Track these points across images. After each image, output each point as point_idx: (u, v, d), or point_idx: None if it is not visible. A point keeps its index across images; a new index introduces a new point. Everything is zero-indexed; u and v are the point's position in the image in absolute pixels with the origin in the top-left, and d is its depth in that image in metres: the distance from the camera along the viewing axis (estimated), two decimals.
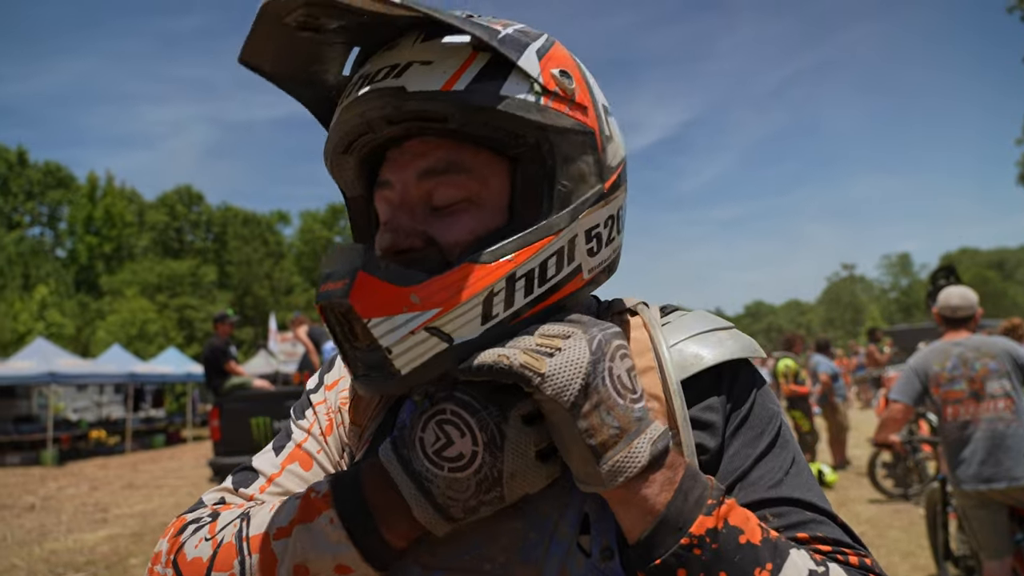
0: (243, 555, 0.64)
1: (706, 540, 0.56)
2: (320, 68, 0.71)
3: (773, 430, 0.71)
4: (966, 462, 3.43)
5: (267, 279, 41.15)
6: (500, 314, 0.61)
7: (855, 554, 0.64)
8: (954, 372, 3.54)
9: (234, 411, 6.88)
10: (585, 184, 0.66)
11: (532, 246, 0.62)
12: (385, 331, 0.59)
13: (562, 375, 0.56)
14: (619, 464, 0.57)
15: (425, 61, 0.62)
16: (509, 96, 0.61)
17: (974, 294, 3.77)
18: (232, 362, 7.28)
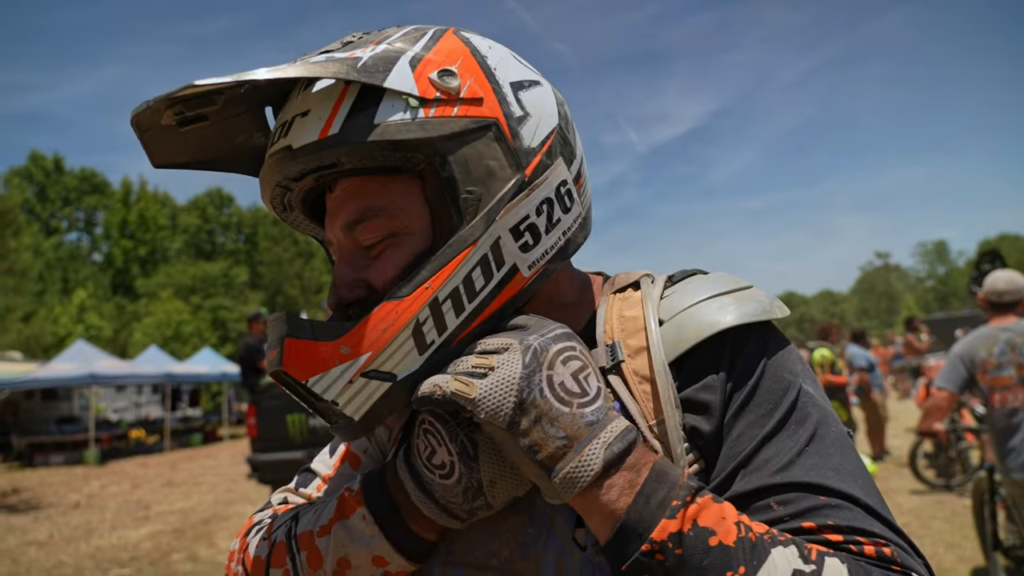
0: (293, 552, 0.69)
1: (668, 545, 0.53)
2: (242, 138, 0.72)
3: (786, 405, 0.63)
4: (1016, 450, 3.33)
5: (298, 278, 41.63)
6: (435, 340, 0.62)
7: (872, 543, 0.57)
8: (1002, 358, 3.44)
9: (270, 408, 6.95)
10: (496, 180, 0.63)
11: (447, 266, 0.62)
12: (325, 387, 0.61)
13: (492, 398, 0.56)
14: (570, 475, 0.56)
15: (303, 112, 0.63)
16: (382, 123, 0.60)
17: (1022, 278, 3.66)
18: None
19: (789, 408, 0.64)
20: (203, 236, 43.62)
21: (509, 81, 0.67)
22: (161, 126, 0.64)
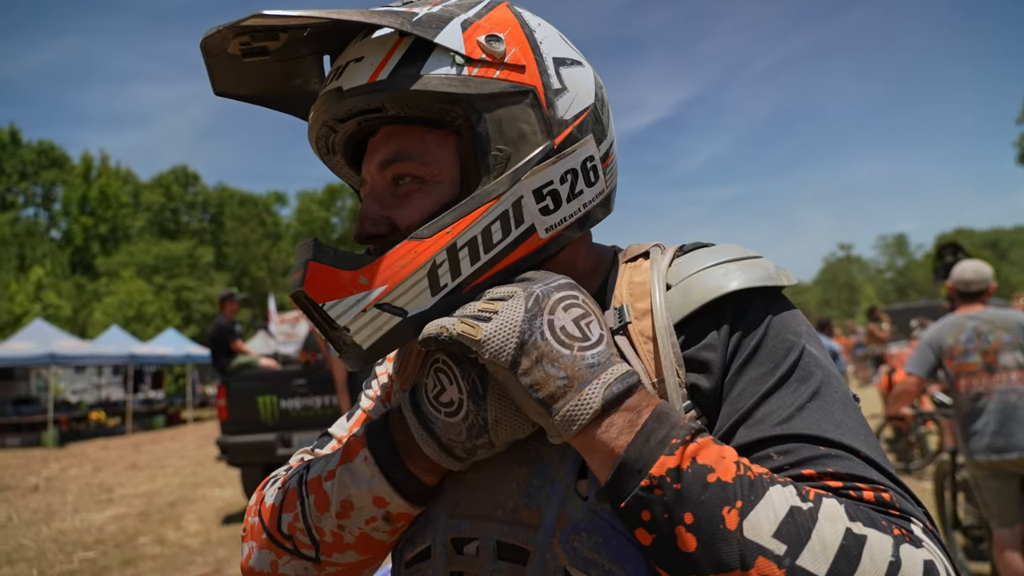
0: (302, 496, 0.73)
1: (667, 480, 0.55)
2: (300, 81, 0.76)
3: (790, 361, 0.65)
4: (979, 433, 3.46)
5: (265, 260, 41.05)
6: (448, 284, 0.65)
7: (872, 489, 0.58)
8: (968, 345, 3.55)
9: (241, 390, 6.87)
10: (527, 144, 0.66)
11: (470, 215, 0.64)
12: (340, 312, 0.64)
13: (496, 338, 0.58)
14: (570, 412, 0.58)
15: (357, 58, 0.67)
16: (428, 75, 0.64)
17: (988, 268, 3.77)
18: (238, 341, 7.25)
19: (792, 366, 0.65)
20: (167, 215, 42.65)
21: (552, 56, 0.70)
22: (227, 54, 0.67)
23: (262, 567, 0.75)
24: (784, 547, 0.52)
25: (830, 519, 0.54)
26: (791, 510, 0.54)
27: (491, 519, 0.68)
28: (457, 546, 0.70)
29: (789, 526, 0.53)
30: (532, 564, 0.64)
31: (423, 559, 0.72)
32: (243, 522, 0.80)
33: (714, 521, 0.54)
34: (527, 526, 0.65)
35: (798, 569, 0.52)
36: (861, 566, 0.52)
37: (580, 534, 0.63)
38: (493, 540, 0.67)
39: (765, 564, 0.52)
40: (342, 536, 0.71)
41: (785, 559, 0.52)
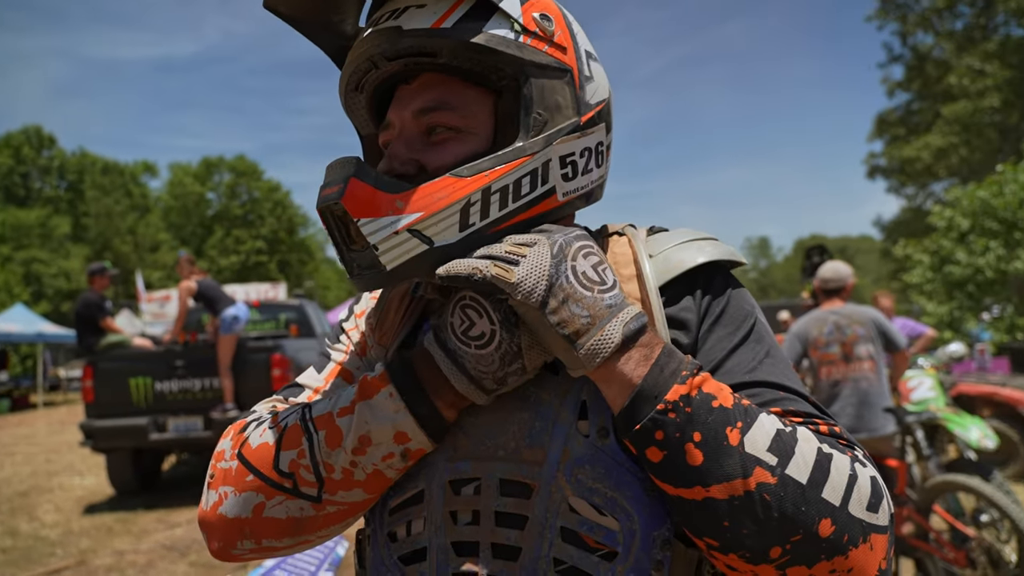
0: (309, 432, 0.72)
1: (680, 404, 0.62)
2: (338, 18, 0.77)
3: (748, 326, 0.76)
4: (836, 416, 3.85)
5: (130, 234, 38.12)
6: (476, 223, 0.70)
7: (825, 423, 0.69)
8: (829, 337, 3.95)
9: (110, 371, 6.41)
10: (561, 115, 0.73)
11: (507, 165, 0.70)
12: (373, 230, 0.67)
13: (528, 281, 0.63)
14: (594, 347, 0.64)
15: (420, 4, 0.71)
16: (491, 33, 0.70)
17: (845, 268, 4.21)
18: (109, 318, 6.76)
19: (749, 329, 0.76)
20: (16, 179, 38.56)
21: (584, 48, 0.78)
22: None
23: (240, 512, 0.73)
24: (776, 459, 0.62)
25: (806, 440, 0.64)
26: (778, 431, 0.64)
27: (493, 459, 0.72)
28: (455, 488, 0.73)
29: (778, 443, 0.63)
30: (537, 496, 0.69)
31: (412, 503, 0.75)
32: (209, 468, 0.78)
33: (719, 438, 0.62)
34: (531, 463, 0.71)
35: (787, 477, 0.61)
36: (830, 477, 0.62)
37: (584, 467, 0.69)
38: (496, 478, 0.71)
39: (761, 472, 0.61)
40: (353, 473, 0.71)
41: (777, 468, 0.61)
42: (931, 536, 3.60)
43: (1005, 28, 23.58)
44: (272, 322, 8.52)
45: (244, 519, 0.73)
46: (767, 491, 0.61)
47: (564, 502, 0.69)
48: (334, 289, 53.89)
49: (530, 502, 0.70)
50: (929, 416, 3.90)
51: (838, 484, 0.62)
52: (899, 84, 27.12)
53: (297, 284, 41.07)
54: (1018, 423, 6.17)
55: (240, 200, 45.36)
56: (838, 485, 0.62)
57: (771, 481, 0.61)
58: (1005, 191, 10.30)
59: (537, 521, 0.69)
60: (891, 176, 28.19)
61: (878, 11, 26.26)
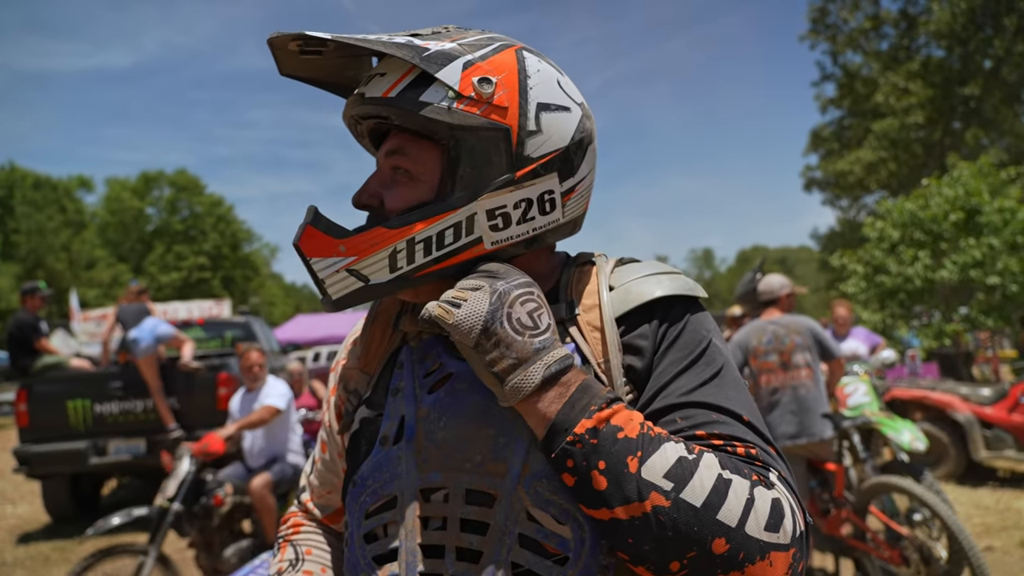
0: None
1: (585, 437, 0.70)
2: (353, 73, 0.91)
3: (699, 351, 0.82)
4: (775, 423, 4.01)
5: (64, 251, 36.62)
6: (403, 267, 0.81)
7: (744, 446, 0.74)
8: (768, 346, 4.11)
9: (46, 393, 6.16)
10: (492, 171, 0.80)
11: (430, 219, 0.80)
12: (321, 268, 0.82)
13: (464, 324, 0.74)
14: (517, 385, 0.73)
15: (381, 73, 0.83)
16: (425, 101, 0.79)
17: (778, 280, 4.40)
18: (44, 339, 6.50)
19: (700, 353, 0.82)
20: None
21: (538, 101, 0.83)
22: (288, 49, 0.84)
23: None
24: (671, 484, 0.68)
25: (708, 467, 0.70)
26: (679, 459, 0.70)
27: (461, 471, 0.79)
28: (425, 495, 0.80)
29: (677, 470, 0.69)
30: (499, 505, 0.77)
31: (387, 508, 0.82)
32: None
33: (620, 466, 0.69)
34: (494, 475, 0.78)
35: (681, 501, 0.68)
36: (727, 500, 0.68)
37: (542, 480, 0.77)
38: (463, 488, 0.79)
39: (656, 496, 0.68)
40: None
41: (671, 493, 0.68)
42: (868, 536, 3.76)
43: (927, 49, 24.89)
44: (217, 340, 8.34)
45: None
46: (661, 513, 0.68)
47: (523, 511, 0.76)
48: (280, 305, 52.80)
49: (492, 510, 0.77)
50: (864, 421, 4.07)
51: (735, 507, 0.68)
52: (831, 101, 28.23)
53: (242, 300, 40.07)
54: (947, 425, 6.48)
55: (181, 215, 44.06)
56: (735, 508, 0.68)
57: (664, 504, 0.68)
58: (931, 204, 10.85)
59: (498, 528, 0.76)
60: (826, 189, 29.30)
61: (810, 31, 27.34)
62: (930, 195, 11.08)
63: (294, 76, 0.88)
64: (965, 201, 10.46)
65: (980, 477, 6.48)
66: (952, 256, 10.28)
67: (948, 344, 10.50)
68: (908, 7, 25.10)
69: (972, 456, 6.30)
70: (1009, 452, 6.13)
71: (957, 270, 10.05)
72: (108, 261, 39.86)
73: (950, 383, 6.97)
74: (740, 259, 72.59)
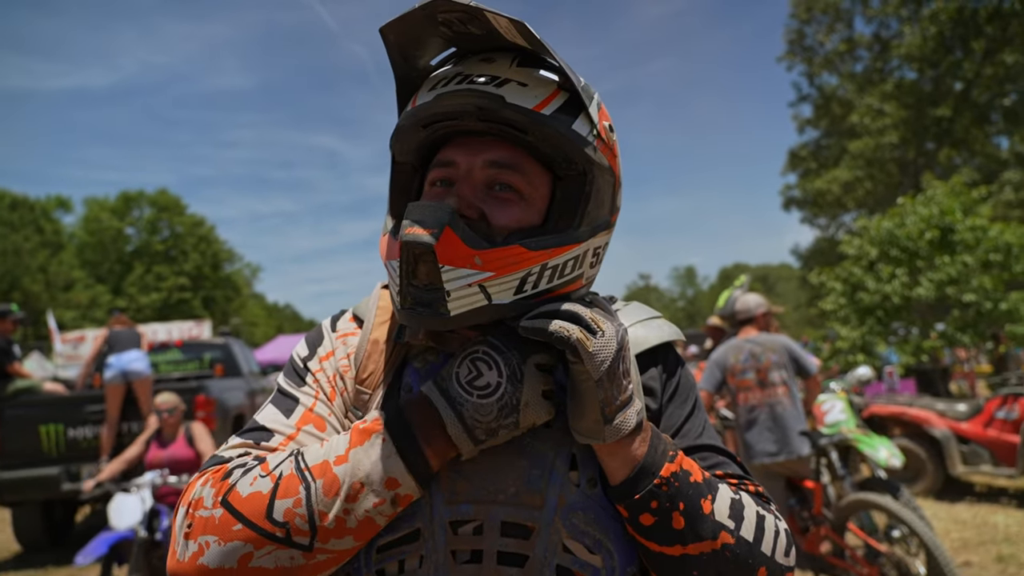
0: (307, 481, 0.73)
1: (671, 480, 0.77)
2: (418, 52, 0.84)
3: (693, 397, 0.94)
4: (753, 440, 4.03)
5: (41, 272, 36.12)
6: (528, 291, 0.79)
7: (752, 484, 0.88)
8: (745, 364, 4.15)
9: (18, 418, 6.04)
10: (603, 212, 0.85)
11: (564, 247, 0.80)
12: (452, 278, 0.75)
13: (601, 354, 0.74)
14: (619, 425, 0.77)
15: (522, 83, 0.79)
16: (577, 131, 0.79)
17: (754, 299, 4.45)
18: (16, 363, 6.38)
19: (695, 399, 0.93)
20: None
21: (617, 156, 0.88)
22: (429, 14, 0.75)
23: (223, 563, 0.71)
24: (734, 523, 0.79)
25: (749, 505, 0.82)
26: (732, 500, 0.80)
27: (494, 502, 0.79)
28: (453, 528, 0.78)
29: (734, 510, 0.80)
30: (537, 538, 0.78)
31: (407, 542, 0.77)
32: (185, 517, 0.74)
33: (697, 508, 0.77)
34: (530, 507, 0.79)
35: (742, 538, 0.78)
36: (766, 534, 0.81)
37: (577, 512, 0.79)
38: (498, 520, 0.78)
39: (725, 535, 0.78)
40: (345, 521, 0.72)
41: (735, 531, 0.78)
42: (847, 553, 3.78)
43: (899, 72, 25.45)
44: (195, 362, 8.24)
45: (228, 570, 0.71)
46: (728, 549, 0.77)
47: (560, 543, 0.78)
48: (262, 326, 52.32)
49: (530, 542, 0.78)
50: (841, 438, 4.11)
51: (769, 538, 0.81)
52: (808, 121, 28.78)
53: (223, 321, 39.66)
54: (925, 441, 6.54)
55: (161, 235, 43.66)
56: (769, 539, 0.80)
57: (731, 541, 0.78)
58: (907, 222, 11.03)
59: (537, 560, 0.77)
60: (805, 207, 29.71)
61: (787, 53, 27.92)
62: (906, 213, 11.27)
63: (386, 36, 0.79)
64: (939, 220, 10.64)
65: (958, 492, 6.53)
66: (928, 274, 10.44)
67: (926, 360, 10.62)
68: (881, 31, 25.69)
69: (949, 471, 6.36)
70: (985, 467, 6.20)
71: (933, 287, 10.20)
72: (86, 282, 39.34)
73: (927, 399, 7.05)
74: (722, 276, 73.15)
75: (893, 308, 10.86)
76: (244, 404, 7.10)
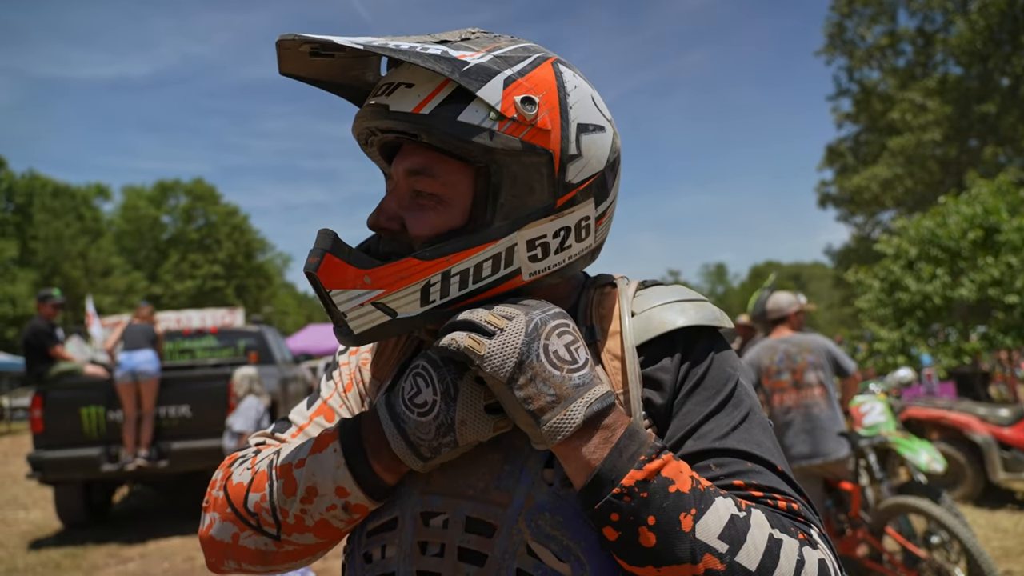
0: (272, 480, 0.79)
1: (635, 490, 0.65)
2: (358, 73, 0.82)
3: (727, 390, 0.78)
4: (789, 443, 3.96)
5: (81, 258, 37.03)
6: (436, 300, 0.75)
7: (784, 499, 0.71)
8: (780, 365, 4.07)
9: (61, 400, 6.20)
10: (533, 198, 0.74)
11: (468, 250, 0.73)
12: (342, 300, 0.74)
13: (497, 356, 0.67)
14: (556, 425, 0.67)
15: (409, 83, 0.75)
16: (464, 122, 0.71)
17: (786, 298, 4.36)
18: (59, 346, 6.55)
19: (729, 394, 0.78)
20: None
21: (577, 122, 0.76)
22: (298, 50, 0.75)
23: (222, 537, 0.81)
24: (726, 546, 0.64)
25: (759, 526, 0.66)
26: (731, 517, 0.66)
27: (462, 497, 0.76)
28: (425, 519, 0.77)
29: (731, 530, 0.65)
30: (498, 537, 0.73)
31: (387, 529, 0.79)
32: (207, 494, 0.85)
33: (672, 524, 0.65)
34: (496, 504, 0.74)
35: (736, 564, 0.64)
36: (779, 564, 0.65)
37: (544, 514, 0.73)
38: (463, 515, 0.75)
39: (710, 559, 0.64)
40: (303, 519, 0.77)
41: (726, 556, 0.64)
42: (884, 558, 3.70)
43: (944, 67, 24.79)
44: (230, 349, 8.38)
45: (226, 544, 0.81)
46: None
47: (523, 545, 0.72)
48: (293, 315, 53.03)
49: (491, 541, 0.73)
50: (881, 440, 4.02)
51: (786, 570, 0.65)
52: (847, 116, 28.17)
53: (255, 310, 40.28)
54: (965, 446, 6.38)
55: (196, 224, 44.50)
56: (786, 571, 0.64)
57: (719, 568, 0.64)
58: (948, 222, 10.75)
59: (495, 560, 0.73)
60: (841, 205, 29.15)
61: (826, 47, 27.34)
62: (947, 213, 10.98)
63: (295, 76, 0.79)
64: (983, 219, 10.35)
65: (998, 499, 6.36)
66: (970, 274, 10.17)
67: (967, 362, 10.36)
68: (925, 24, 25.02)
69: (990, 478, 6.19)
70: None
71: (975, 288, 9.93)
72: (123, 269, 40.25)
73: (967, 403, 6.87)
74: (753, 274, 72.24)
75: (933, 308, 10.61)
76: (277, 391, 7.20)
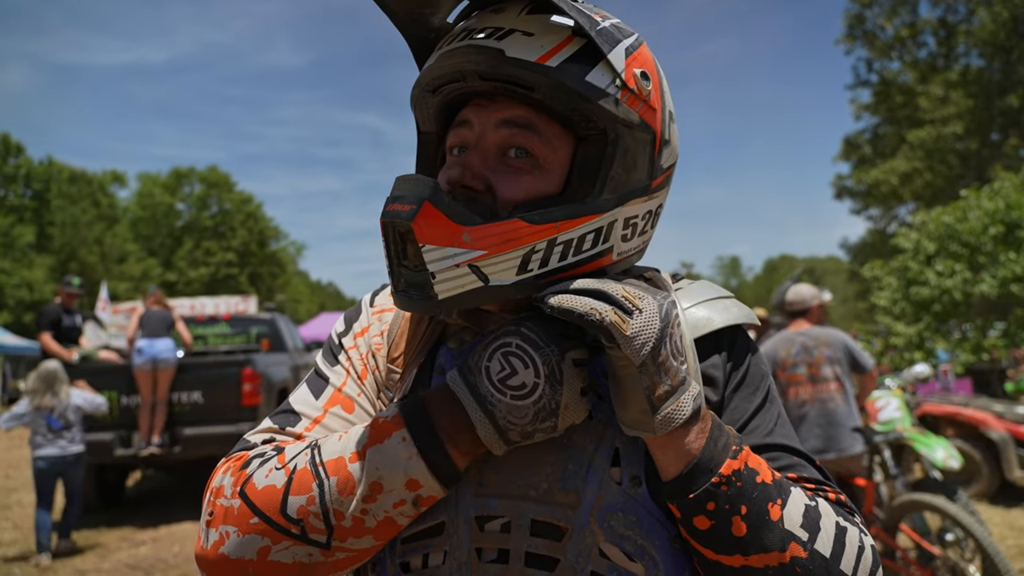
0: (320, 478, 0.68)
1: (732, 479, 0.66)
2: (429, 11, 0.75)
3: (765, 388, 0.81)
4: (803, 437, 3.92)
5: (97, 244, 37.37)
6: (534, 270, 0.70)
7: (832, 491, 0.76)
8: (796, 358, 4.02)
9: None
10: (636, 176, 0.73)
11: (577, 219, 0.70)
12: (435, 258, 0.66)
13: (640, 337, 0.64)
14: (669, 415, 0.66)
15: (527, 32, 0.69)
16: (592, 83, 0.68)
17: (808, 290, 4.30)
18: (47, 334, 6.50)
19: (767, 391, 0.81)
20: None
21: (669, 109, 0.76)
22: None
23: (243, 554, 0.68)
24: (807, 534, 0.68)
25: (827, 514, 0.70)
26: (807, 507, 0.69)
27: (524, 499, 0.71)
28: (480, 524, 0.71)
29: (808, 519, 0.68)
30: (570, 540, 0.70)
31: (431, 535, 0.72)
32: (207, 504, 0.72)
33: (762, 513, 0.67)
34: (563, 506, 0.70)
35: (815, 552, 0.67)
36: (846, 549, 0.69)
37: (616, 514, 0.70)
38: (528, 518, 0.70)
39: (795, 547, 0.67)
40: (364, 520, 0.68)
41: (808, 544, 0.67)
42: (898, 555, 3.66)
43: (966, 59, 24.40)
44: (243, 336, 8.42)
45: (247, 561, 0.69)
46: (799, 564, 0.67)
47: (595, 547, 0.70)
48: (305, 303, 53.34)
49: (562, 545, 0.70)
50: (896, 436, 3.97)
51: (851, 556, 0.69)
52: (866, 107, 27.82)
53: (268, 297, 40.52)
54: (981, 443, 6.30)
55: (211, 211, 44.73)
56: (851, 556, 0.69)
57: (803, 555, 0.67)
58: (969, 216, 10.59)
59: (568, 565, 0.69)
60: (858, 198, 28.83)
61: (845, 36, 26.98)
62: (968, 208, 10.82)
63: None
64: (1005, 214, 10.19)
65: (1014, 497, 6.28)
66: (991, 270, 10.03)
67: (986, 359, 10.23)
68: (947, 15, 24.62)
69: (1006, 475, 6.11)
70: None
71: (996, 284, 9.79)
72: (138, 255, 40.59)
73: (984, 400, 6.78)
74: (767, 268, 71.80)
75: (952, 304, 10.47)
76: (288, 379, 7.24)
